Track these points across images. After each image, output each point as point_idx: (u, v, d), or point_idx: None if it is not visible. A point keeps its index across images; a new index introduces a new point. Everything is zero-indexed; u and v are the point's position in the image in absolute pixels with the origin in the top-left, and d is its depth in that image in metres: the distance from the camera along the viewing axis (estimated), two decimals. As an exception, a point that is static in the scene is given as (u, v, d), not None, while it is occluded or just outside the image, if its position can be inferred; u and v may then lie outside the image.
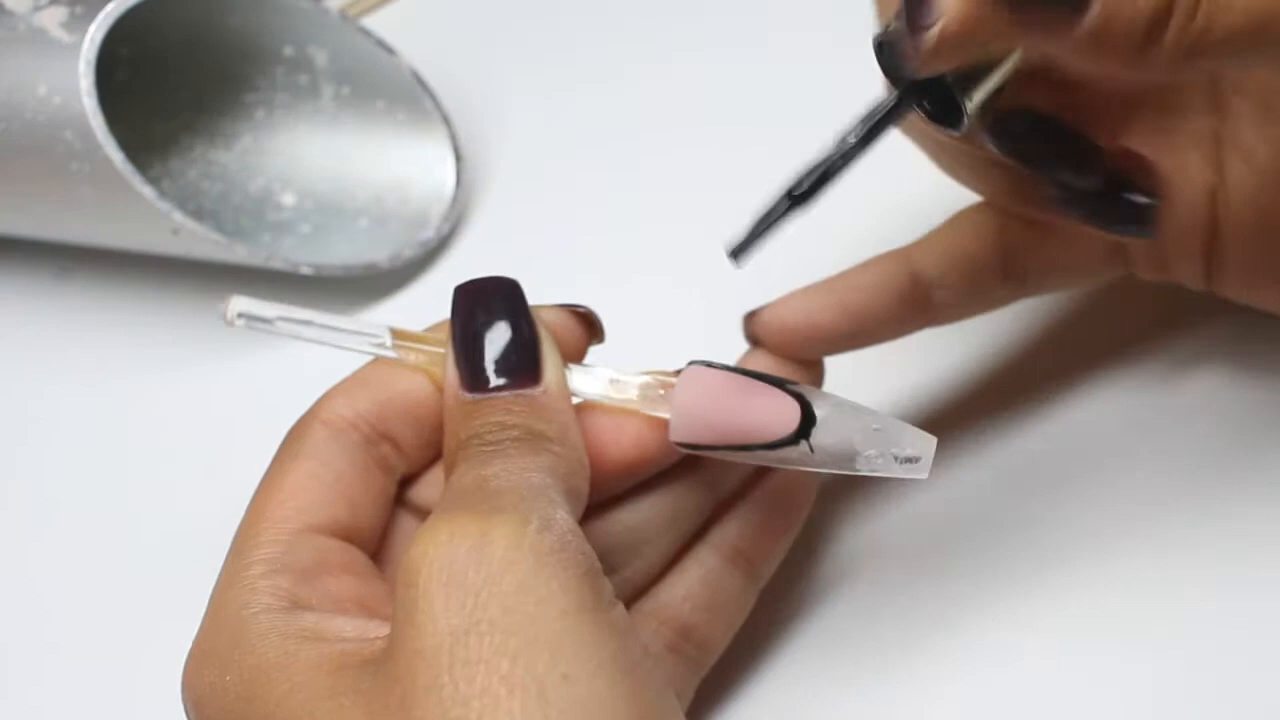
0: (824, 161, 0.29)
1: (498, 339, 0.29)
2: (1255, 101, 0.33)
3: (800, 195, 0.28)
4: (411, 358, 0.31)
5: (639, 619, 0.32)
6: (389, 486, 0.31)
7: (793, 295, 0.34)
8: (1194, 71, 0.30)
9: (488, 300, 0.30)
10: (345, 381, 0.31)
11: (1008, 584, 0.35)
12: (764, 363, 0.33)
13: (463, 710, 0.23)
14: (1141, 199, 0.32)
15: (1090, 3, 0.26)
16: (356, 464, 0.30)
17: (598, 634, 0.24)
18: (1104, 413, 0.37)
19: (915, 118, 0.30)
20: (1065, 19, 0.26)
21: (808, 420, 0.29)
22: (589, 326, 0.32)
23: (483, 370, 0.29)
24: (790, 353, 0.34)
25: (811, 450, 0.29)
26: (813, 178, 0.28)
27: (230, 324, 0.31)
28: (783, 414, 0.29)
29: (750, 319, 0.34)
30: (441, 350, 0.30)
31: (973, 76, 0.29)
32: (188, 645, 0.28)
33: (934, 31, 0.26)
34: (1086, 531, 0.35)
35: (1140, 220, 0.32)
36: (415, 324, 0.32)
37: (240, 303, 0.31)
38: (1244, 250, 0.34)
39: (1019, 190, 0.33)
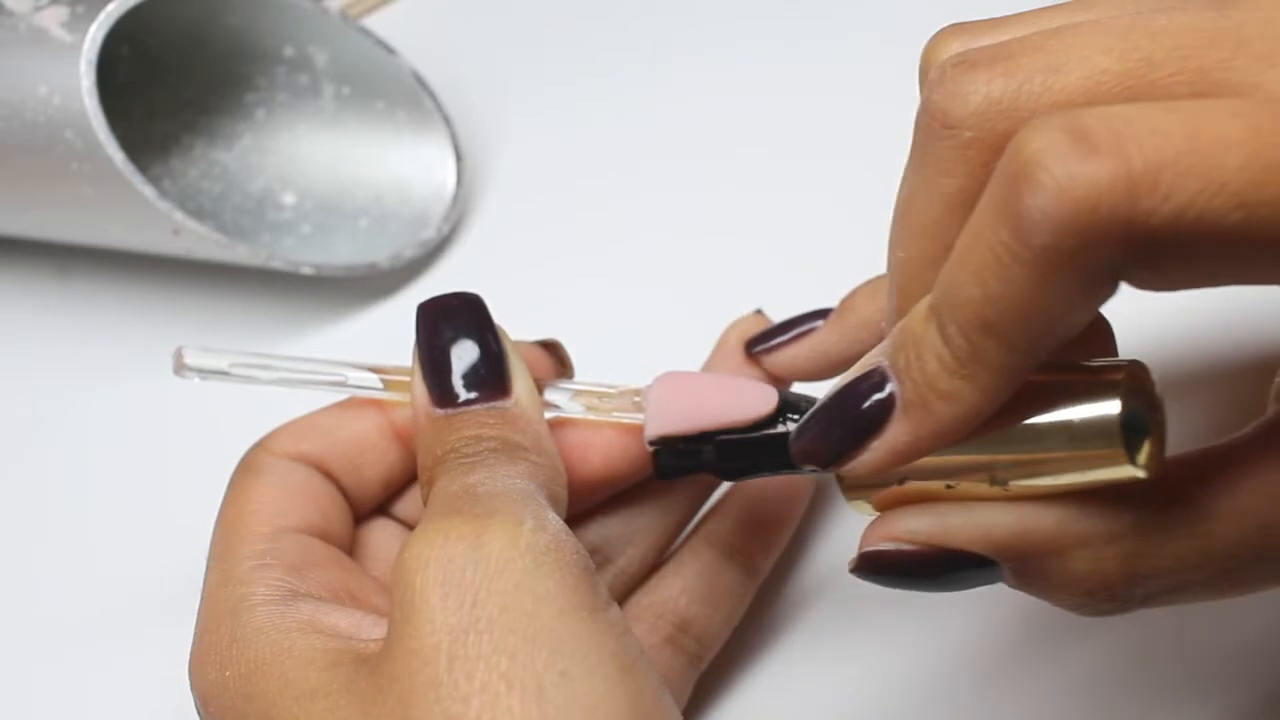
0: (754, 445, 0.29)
1: (465, 354, 0.29)
2: None
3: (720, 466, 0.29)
4: (376, 391, 0.31)
5: (637, 612, 0.32)
6: (347, 508, 0.31)
7: (809, 341, 0.32)
8: None
9: (452, 316, 0.30)
10: (292, 424, 0.31)
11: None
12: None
13: (462, 707, 0.23)
14: None
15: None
16: (314, 479, 0.30)
17: (596, 632, 0.24)
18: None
19: None
20: None
21: (785, 404, 0.29)
22: (558, 360, 0.32)
23: (451, 386, 0.29)
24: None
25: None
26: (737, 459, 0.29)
27: (183, 377, 0.32)
28: (759, 396, 0.29)
29: (757, 350, 0.33)
30: (405, 378, 0.30)
31: None
32: (189, 644, 0.28)
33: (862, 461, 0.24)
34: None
35: None
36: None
37: (191, 355, 0.31)
38: None
39: None
